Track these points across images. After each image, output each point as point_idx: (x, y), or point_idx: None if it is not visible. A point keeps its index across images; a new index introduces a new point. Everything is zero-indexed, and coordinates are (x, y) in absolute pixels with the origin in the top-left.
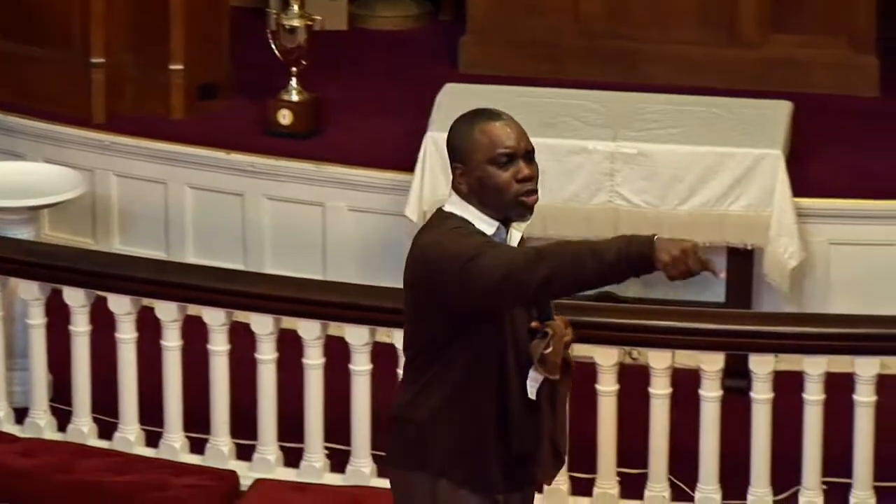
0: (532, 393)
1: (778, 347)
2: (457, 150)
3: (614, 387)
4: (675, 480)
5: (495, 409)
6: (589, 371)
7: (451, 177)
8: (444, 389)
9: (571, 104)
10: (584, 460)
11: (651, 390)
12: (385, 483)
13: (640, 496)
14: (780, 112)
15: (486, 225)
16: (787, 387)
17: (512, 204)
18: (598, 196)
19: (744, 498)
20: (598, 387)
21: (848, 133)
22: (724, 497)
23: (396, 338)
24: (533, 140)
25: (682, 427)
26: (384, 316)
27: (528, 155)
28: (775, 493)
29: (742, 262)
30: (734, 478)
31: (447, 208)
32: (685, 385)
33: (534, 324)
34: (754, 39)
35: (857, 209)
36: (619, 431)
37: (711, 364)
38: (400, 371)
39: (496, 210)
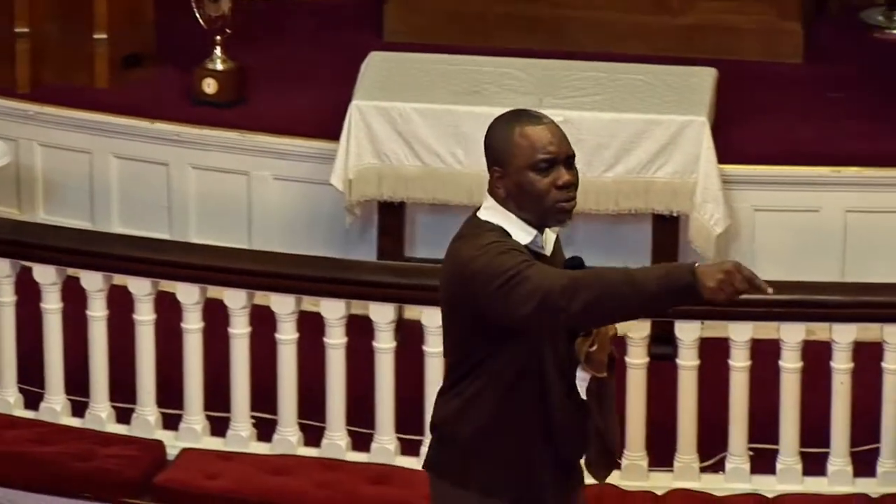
0: (582, 393)
1: (704, 314)
2: (495, 152)
3: None
4: None
5: (539, 418)
6: None
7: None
8: (486, 405)
9: (496, 72)
10: None
11: None
12: (311, 451)
13: None
14: (704, 79)
15: (523, 233)
16: (714, 353)
17: (550, 211)
18: None
19: (671, 465)
20: None
21: (772, 99)
22: (651, 464)
23: (323, 307)
24: (457, 108)
25: None
26: (310, 285)
27: (569, 160)
28: (702, 460)
29: (667, 229)
30: (661, 444)
31: (483, 215)
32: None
33: None
34: (680, 6)
35: (781, 175)
36: None
37: (638, 331)
38: (326, 340)
39: (534, 216)
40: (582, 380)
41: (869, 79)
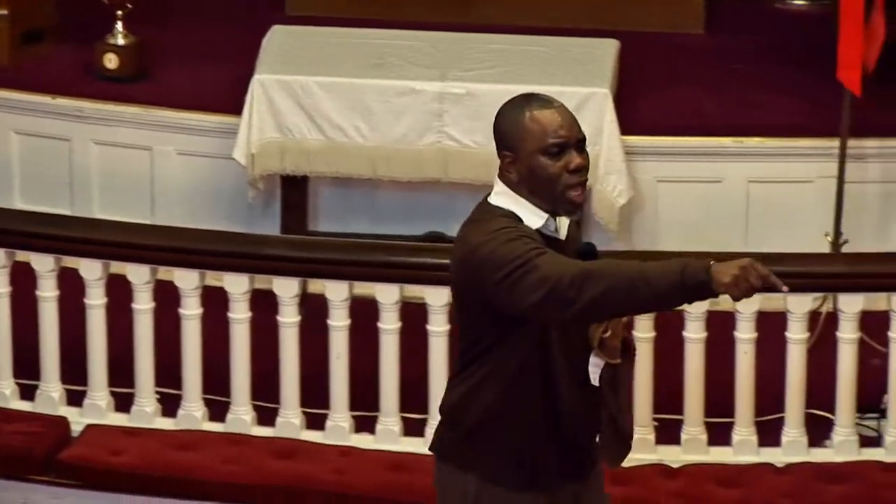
0: (595, 379)
1: None
2: (506, 137)
3: (396, 325)
4: None
5: (546, 406)
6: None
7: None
8: (492, 391)
9: (399, 45)
10: (368, 396)
11: (429, 328)
12: (216, 426)
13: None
14: (607, 50)
15: (535, 217)
16: None
17: (560, 198)
18: (427, 137)
19: None
20: (381, 325)
21: (675, 71)
22: None
23: (226, 282)
24: (360, 82)
25: None
26: (213, 259)
27: (580, 144)
28: None
29: None
30: None
31: (494, 200)
32: None
33: None
34: None
35: (684, 146)
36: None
37: None
38: (230, 315)
39: (545, 201)
40: (595, 366)
41: (770, 49)
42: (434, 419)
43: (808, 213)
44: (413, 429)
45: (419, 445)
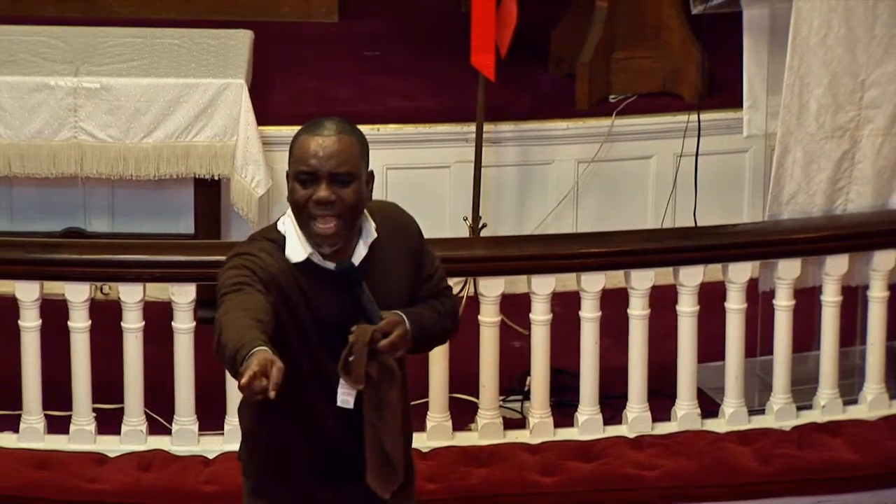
0: (345, 402)
1: None
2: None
3: (86, 323)
4: (152, 413)
5: (302, 424)
6: (61, 306)
7: None
8: (251, 408)
9: (31, 41)
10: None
11: (123, 325)
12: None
13: (117, 431)
14: (241, 41)
15: (301, 248)
16: None
17: (308, 228)
18: (63, 132)
19: (221, 428)
20: (70, 323)
21: (310, 60)
22: (202, 428)
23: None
24: None
25: (157, 360)
26: None
27: (335, 177)
28: None
29: (209, 192)
30: (211, 407)
31: (280, 221)
32: (159, 317)
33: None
34: None
35: None
36: (93, 367)
37: (183, 296)
38: None
39: (302, 230)
40: (344, 391)
41: (404, 36)
42: (77, 415)
43: (446, 199)
44: (57, 427)
45: (63, 443)
